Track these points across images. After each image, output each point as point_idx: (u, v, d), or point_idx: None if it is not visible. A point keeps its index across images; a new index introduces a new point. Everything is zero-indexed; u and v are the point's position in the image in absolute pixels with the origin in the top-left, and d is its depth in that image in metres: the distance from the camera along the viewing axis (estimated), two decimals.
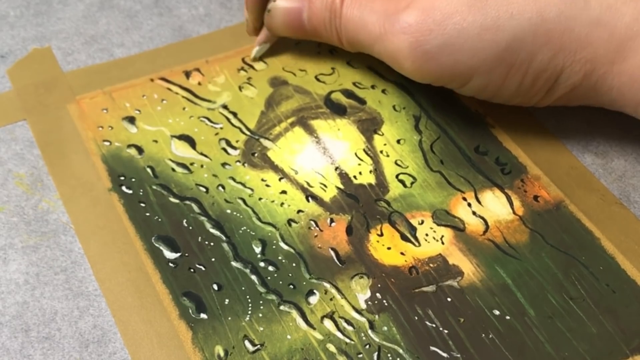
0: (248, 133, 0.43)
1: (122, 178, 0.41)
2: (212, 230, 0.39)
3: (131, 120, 0.43)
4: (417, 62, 0.39)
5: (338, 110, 0.44)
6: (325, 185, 0.41)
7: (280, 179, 0.41)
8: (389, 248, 0.38)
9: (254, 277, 0.37)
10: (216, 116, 0.44)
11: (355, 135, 0.43)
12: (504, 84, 0.40)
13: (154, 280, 0.37)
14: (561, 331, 0.35)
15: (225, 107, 0.44)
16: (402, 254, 0.38)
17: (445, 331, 0.35)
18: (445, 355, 0.35)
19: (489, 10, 0.38)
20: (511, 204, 0.40)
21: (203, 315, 0.36)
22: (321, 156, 0.42)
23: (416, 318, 0.36)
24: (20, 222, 0.39)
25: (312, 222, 0.39)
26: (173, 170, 0.41)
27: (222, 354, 0.35)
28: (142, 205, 0.39)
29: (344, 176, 0.41)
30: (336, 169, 0.41)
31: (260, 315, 0.36)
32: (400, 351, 0.35)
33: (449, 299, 0.36)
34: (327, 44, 0.47)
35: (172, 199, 0.40)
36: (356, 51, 0.43)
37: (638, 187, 0.40)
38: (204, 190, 0.40)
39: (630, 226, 0.39)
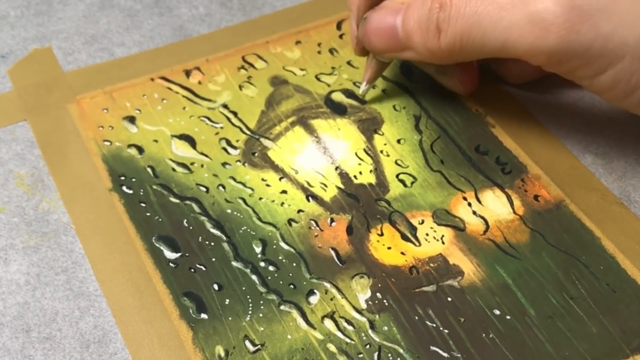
0: (248, 132, 0.43)
1: (123, 178, 0.41)
2: (213, 230, 0.39)
3: (131, 120, 0.43)
4: (568, 23, 0.33)
5: (338, 109, 0.44)
6: (325, 185, 0.41)
7: (280, 179, 0.41)
8: (389, 248, 0.38)
9: (254, 277, 0.37)
10: (216, 115, 0.44)
11: (355, 135, 0.43)
12: None
13: (155, 281, 0.37)
14: (561, 331, 0.35)
15: (225, 106, 0.44)
16: (402, 253, 0.38)
17: (446, 331, 0.35)
18: (445, 355, 0.35)
19: None
20: (511, 203, 0.40)
21: (204, 315, 0.36)
22: (321, 156, 0.42)
23: (417, 318, 0.36)
24: (21, 223, 0.39)
25: (313, 222, 0.39)
26: (173, 170, 0.41)
27: (222, 354, 0.35)
28: (143, 205, 0.40)
29: (344, 176, 0.41)
30: (336, 168, 0.41)
31: (261, 315, 0.36)
32: (401, 351, 0.35)
33: (449, 299, 0.36)
34: (327, 44, 0.47)
35: (173, 199, 0.40)
36: (451, 53, 0.38)
37: (638, 187, 0.40)
38: (205, 190, 0.40)
39: (631, 226, 0.39)
